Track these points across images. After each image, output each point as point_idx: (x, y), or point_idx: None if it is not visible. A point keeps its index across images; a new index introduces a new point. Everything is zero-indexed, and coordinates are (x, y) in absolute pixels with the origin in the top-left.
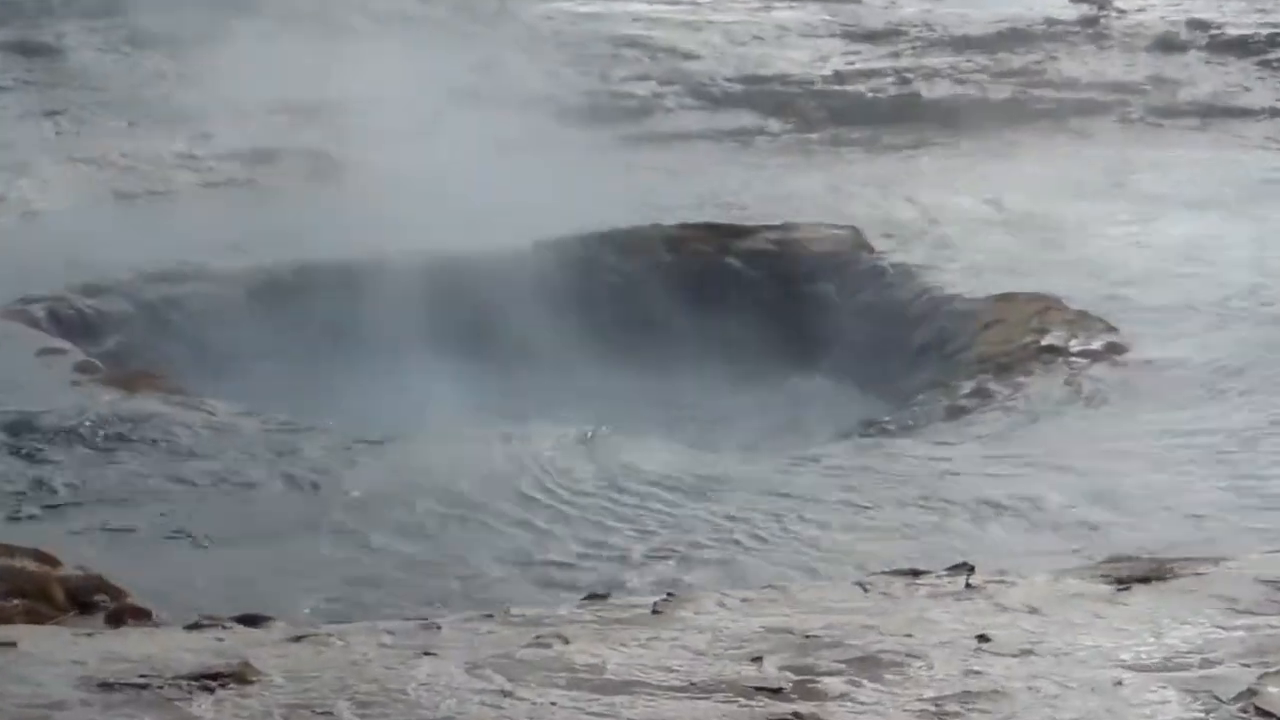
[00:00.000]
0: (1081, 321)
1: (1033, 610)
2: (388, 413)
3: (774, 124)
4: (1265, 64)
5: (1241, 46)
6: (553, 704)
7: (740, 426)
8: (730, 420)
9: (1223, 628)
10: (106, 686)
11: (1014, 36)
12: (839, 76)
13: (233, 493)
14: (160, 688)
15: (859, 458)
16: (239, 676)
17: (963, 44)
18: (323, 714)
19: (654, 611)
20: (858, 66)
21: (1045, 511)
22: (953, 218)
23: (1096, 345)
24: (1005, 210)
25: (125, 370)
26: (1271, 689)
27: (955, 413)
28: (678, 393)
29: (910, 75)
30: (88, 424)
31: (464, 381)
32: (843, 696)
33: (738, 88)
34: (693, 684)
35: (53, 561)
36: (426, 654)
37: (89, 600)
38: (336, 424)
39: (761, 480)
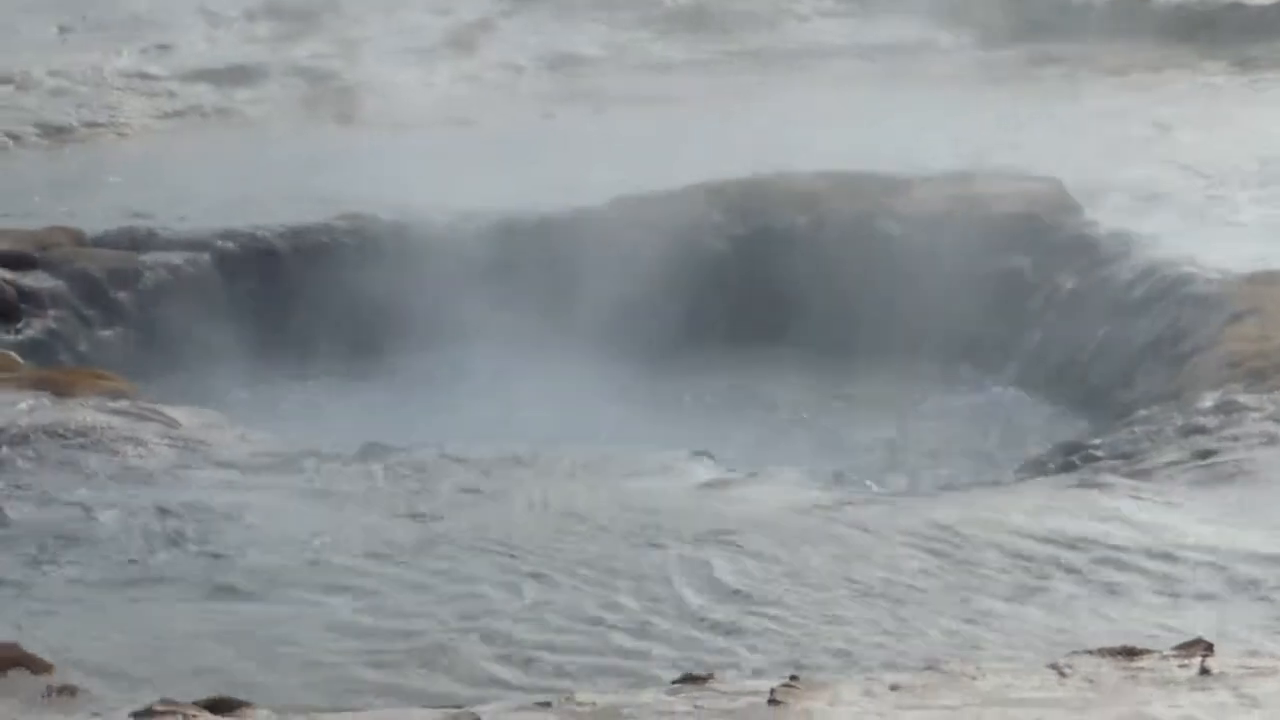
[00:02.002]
0: None
1: None
2: (407, 422)
3: (945, 36)
4: None
5: None
6: None
7: (899, 448)
8: (883, 440)
9: None
10: None
11: None
12: None
13: (203, 534)
14: None
15: (1051, 498)
16: None
17: None
18: None
19: (772, 701)
20: None
21: None
22: (1192, 168)
23: None
24: (1267, 159)
25: (55, 366)
26: None
27: (1191, 436)
28: (809, 403)
29: None
30: (5, 441)
31: (505, 382)
32: None
33: None
34: None
35: None
36: None
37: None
38: (339, 440)
39: (911, 526)
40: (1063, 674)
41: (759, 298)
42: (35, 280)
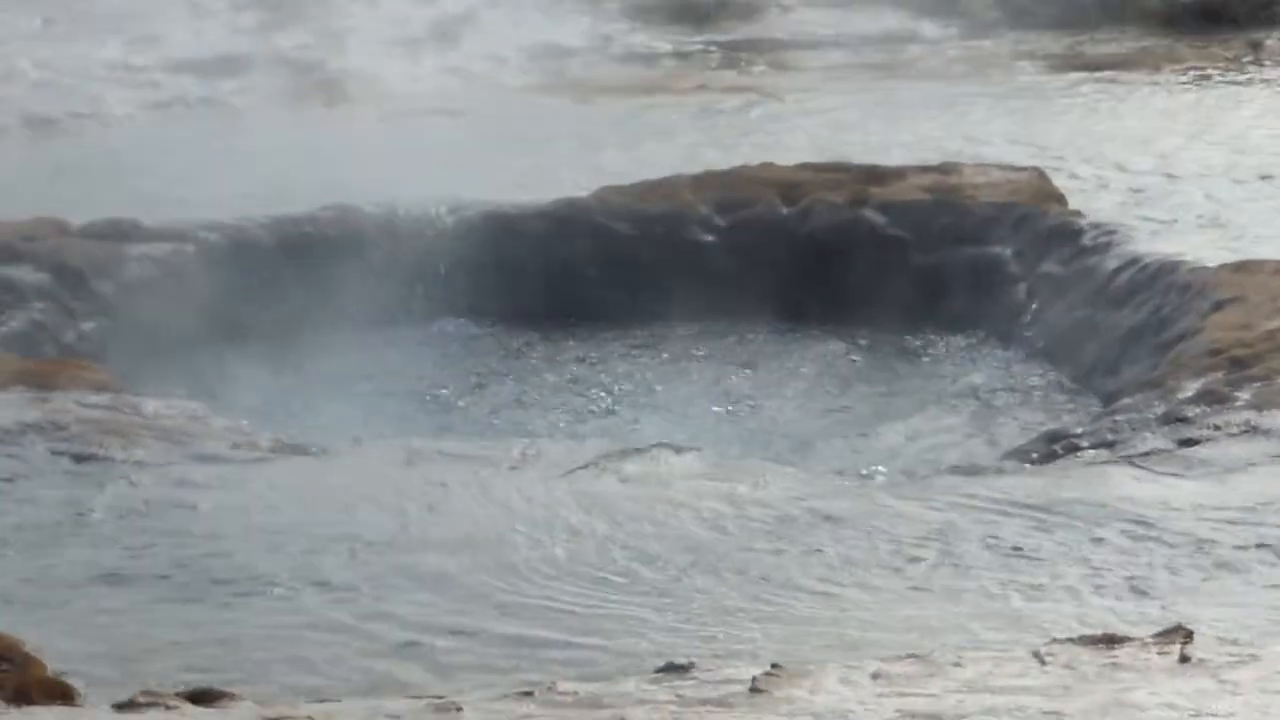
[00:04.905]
0: None
1: (1278, 693)
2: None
3: (930, 27)
4: None
5: None
6: None
7: (875, 439)
8: (860, 429)
9: None
10: None
11: None
12: None
13: (184, 529)
14: None
15: (1032, 489)
16: None
17: None
18: None
19: (753, 689)
20: None
21: None
22: (1175, 160)
23: None
24: (1249, 149)
25: (39, 358)
26: None
27: (1173, 424)
28: (794, 388)
29: None
30: None
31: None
32: None
33: None
34: None
35: None
36: None
37: None
38: (326, 432)
39: (893, 515)
40: (1043, 662)
41: (746, 284)
42: (19, 272)
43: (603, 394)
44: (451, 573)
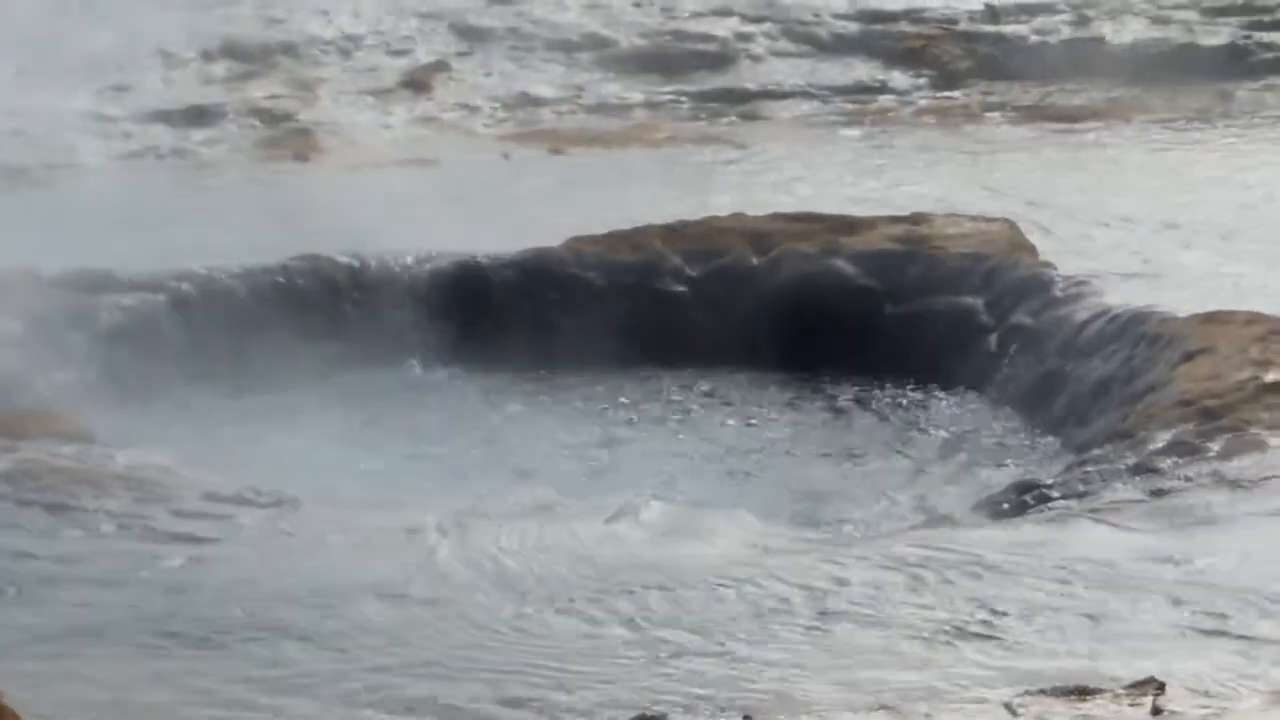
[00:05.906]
0: None
1: None
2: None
3: (900, 78)
4: None
5: None
6: None
7: (845, 496)
8: (827, 489)
9: None
10: None
11: None
12: (993, 13)
13: (155, 581)
14: None
15: (1000, 540)
16: None
17: None
18: None
19: None
20: None
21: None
22: (1144, 211)
23: None
24: (1218, 200)
25: (11, 410)
26: None
27: (1145, 475)
28: (764, 438)
29: (1090, 12)
30: None
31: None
32: None
33: (852, 27)
34: None
35: None
36: None
37: None
38: (295, 484)
39: (860, 573)
40: (1015, 713)
41: (716, 334)
42: None
43: (568, 443)
44: (423, 624)
